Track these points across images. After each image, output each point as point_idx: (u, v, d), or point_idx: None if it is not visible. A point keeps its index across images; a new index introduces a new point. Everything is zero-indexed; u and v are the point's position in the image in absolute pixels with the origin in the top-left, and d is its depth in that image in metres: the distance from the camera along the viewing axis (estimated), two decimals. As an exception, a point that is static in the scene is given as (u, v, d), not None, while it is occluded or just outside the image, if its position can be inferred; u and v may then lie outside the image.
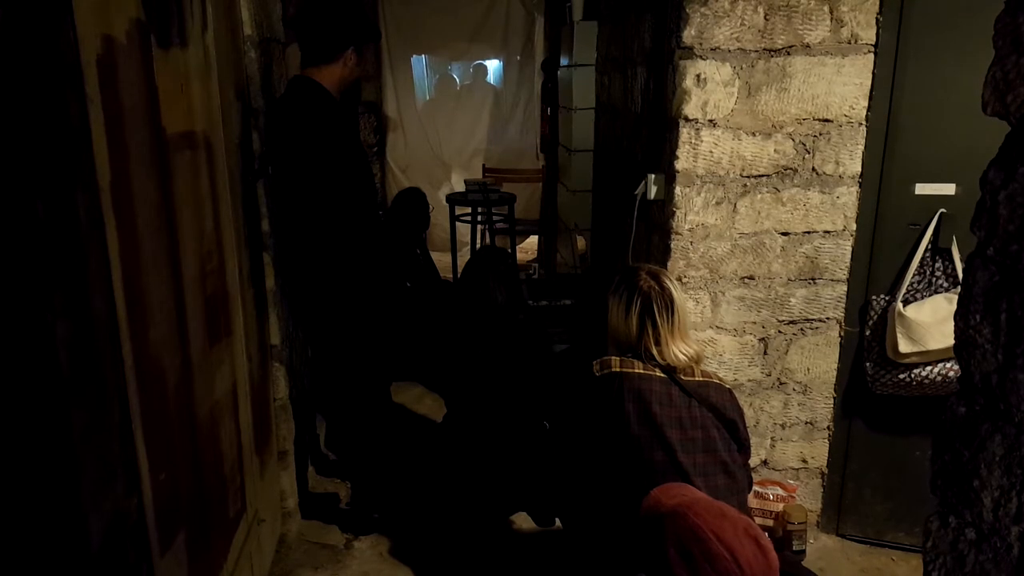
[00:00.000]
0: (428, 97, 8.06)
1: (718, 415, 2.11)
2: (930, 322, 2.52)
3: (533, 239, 7.01)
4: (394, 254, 4.26)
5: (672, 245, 2.62)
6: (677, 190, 2.57)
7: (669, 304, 2.15)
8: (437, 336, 4.29)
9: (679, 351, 2.13)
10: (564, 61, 4.72)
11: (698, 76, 2.49)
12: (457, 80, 8.34)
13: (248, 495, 2.30)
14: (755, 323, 2.72)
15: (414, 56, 7.63)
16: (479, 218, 5.74)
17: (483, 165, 6.95)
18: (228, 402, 2.19)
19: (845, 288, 2.71)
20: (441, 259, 6.38)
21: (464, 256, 6.25)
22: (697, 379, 2.13)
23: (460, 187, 7.04)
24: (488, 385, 2.91)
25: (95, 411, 1.30)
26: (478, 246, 5.92)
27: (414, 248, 4.46)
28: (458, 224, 5.86)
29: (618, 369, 2.09)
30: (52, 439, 1.19)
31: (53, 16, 1.19)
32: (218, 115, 2.17)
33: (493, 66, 8.09)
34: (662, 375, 2.10)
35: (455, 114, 7.89)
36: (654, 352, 2.12)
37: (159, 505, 1.58)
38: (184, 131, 1.87)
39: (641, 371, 2.09)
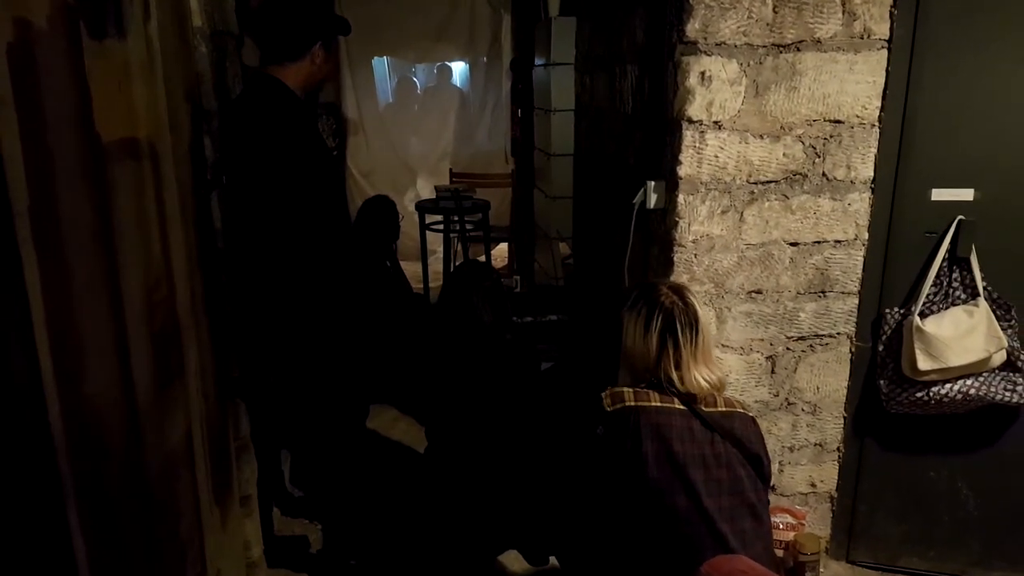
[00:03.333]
0: (391, 99, 7.77)
1: (743, 450, 1.90)
2: (950, 336, 2.33)
3: (503, 246, 6.77)
4: (362, 267, 3.99)
5: (675, 258, 2.40)
6: (680, 198, 2.35)
7: (693, 323, 1.93)
8: (412, 356, 4.04)
9: (702, 376, 1.91)
10: (540, 60, 4.49)
11: (703, 73, 2.27)
12: (419, 84, 8.06)
13: (208, 554, 2.03)
14: (763, 340, 2.52)
15: (376, 57, 7.34)
16: (451, 227, 5.48)
17: (450, 170, 6.69)
18: (182, 450, 1.91)
19: (857, 301, 2.52)
20: (409, 268, 6.12)
21: (435, 265, 5.99)
22: (720, 409, 1.91)
23: (427, 193, 6.77)
24: (474, 413, 2.66)
25: (12, 502, 1.03)
26: (451, 256, 5.65)
27: (383, 260, 4.20)
28: (428, 231, 5.59)
29: (633, 403, 1.86)
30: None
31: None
32: (165, 119, 1.89)
33: (458, 68, 7.83)
34: (681, 407, 1.87)
35: (420, 117, 7.62)
36: (673, 377, 1.89)
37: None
38: (125, 138, 1.59)
39: (659, 404, 1.86)
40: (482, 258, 5.86)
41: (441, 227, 5.53)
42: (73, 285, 1.29)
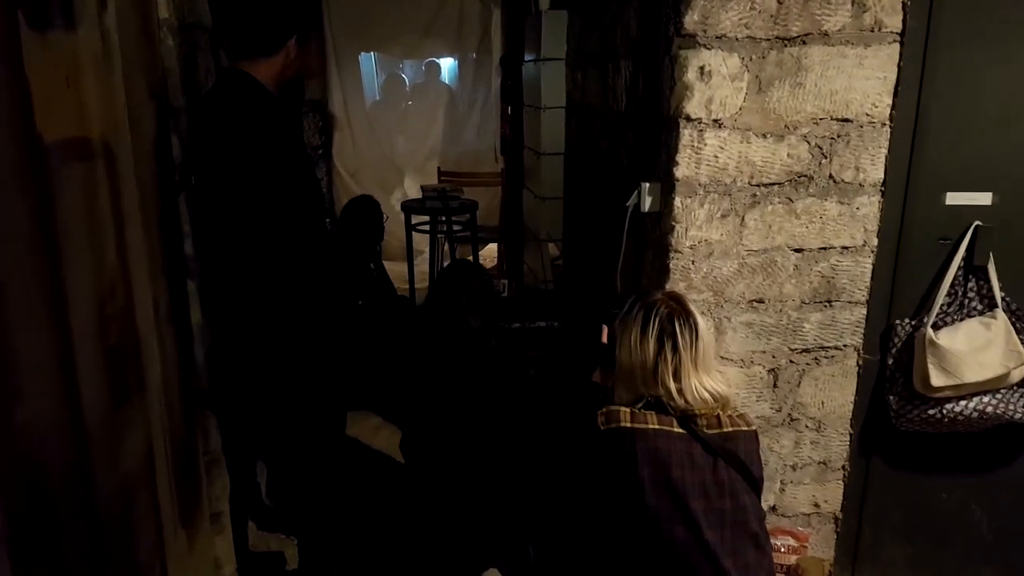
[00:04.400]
0: (378, 97, 7.60)
1: (747, 475, 1.76)
2: (965, 351, 2.21)
3: (492, 247, 6.62)
4: (345, 269, 3.85)
5: (671, 264, 2.26)
6: (677, 201, 2.21)
7: (693, 327, 1.79)
8: (396, 361, 3.90)
9: (703, 386, 1.77)
10: (530, 56, 4.34)
11: (702, 68, 2.13)
12: (407, 80, 7.90)
13: (171, 580, 1.88)
14: (764, 352, 2.38)
15: (363, 53, 7.17)
16: (439, 227, 5.33)
17: (438, 168, 6.53)
18: (142, 471, 1.77)
19: (864, 311, 2.38)
20: (396, 268, 5.97)
21: (421, 265, 5.84)
22: (724, 430, 1.77)
23: (414, 192, 6.62)
24: (453, 421, 2.52)
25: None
26: (438, 258, 5.50)
27: (367, 262, 4.06)
28: (415, 232, 5.44)
29: (628, 424, 1.72)
30: None
31: None
32: (124, 116, 1.74)
33: (447, 64, 7.67)
34: (680, 430, 1.73)
35: (407, 114, 7.46)
36: (672, 388, 1.75)
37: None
38: (72, 137, 1.45)
39: (656, 426, 1.72)
40: (470, 259, 5.72)
41: (427, 228, 5.38)
42: (5, 299, 1.15)
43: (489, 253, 6.83)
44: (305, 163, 2.42)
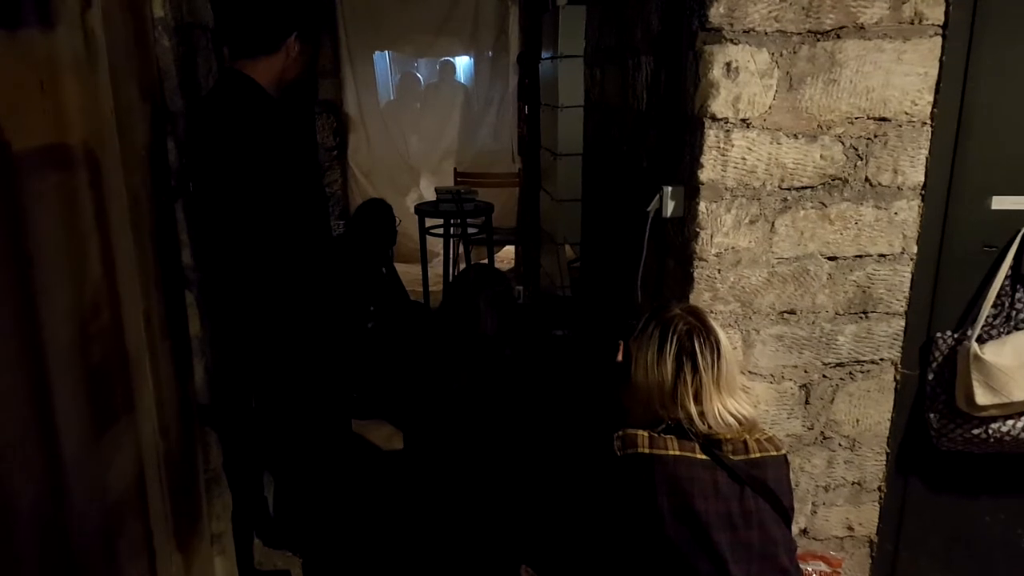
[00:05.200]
0: (392, 96, 7.49)
1: (777, 504, 1.63)
2: (1014, 366, 2.05)
3: (509, 249, 6.50)
4: (355, 273, 3.74)
5: (695, 273, 2.12)
6: (702, 206, 2.08)
7: (714, 345, 1.67)
8: (408, 368, 3.79)
9: (727, 410, 1.64)
10: (547, 53, 4.21)
11: (728, 64, 1.99)
12: (421, 79, 7.78)
13: (163, 615, 1.77)
14: (796, 367, 2.24)
15: (376, 52, 7.06)
16: (452, 230, 5.20)
17: (454, 169, 6.42)
18: (131, 497, 1.66)
19: (903, 323, 2.23)
20: (410, 271, 5.86)
21: (436, 268, 5.73)
22: (751, 456, 1.64)
23: (430, 193, 6.51)
24: (458, 432, 2.40)
25: None
26: (452, 261, 5.37)
27: (379, 267, 3.95)
28: (429, 235, 5.32)
29: (647, 450, 1.59)
30: None
31: None
32: (111, 121, 1.63)
33: (462, 63, 7.54)
34: (703, 456, 1.60)
35: (422, 114, 7.34)
36: (692, 412, 1.63)
37: None
38: (47, 145, 1.34)
39: (677, 452, 1.59)
40: (485, 261, 5.60)
41: (442, 231, 5.25)
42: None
43: (506, 255, 6.71)
44: (308, 167, 2.31)
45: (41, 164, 1.30)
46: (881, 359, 2.27)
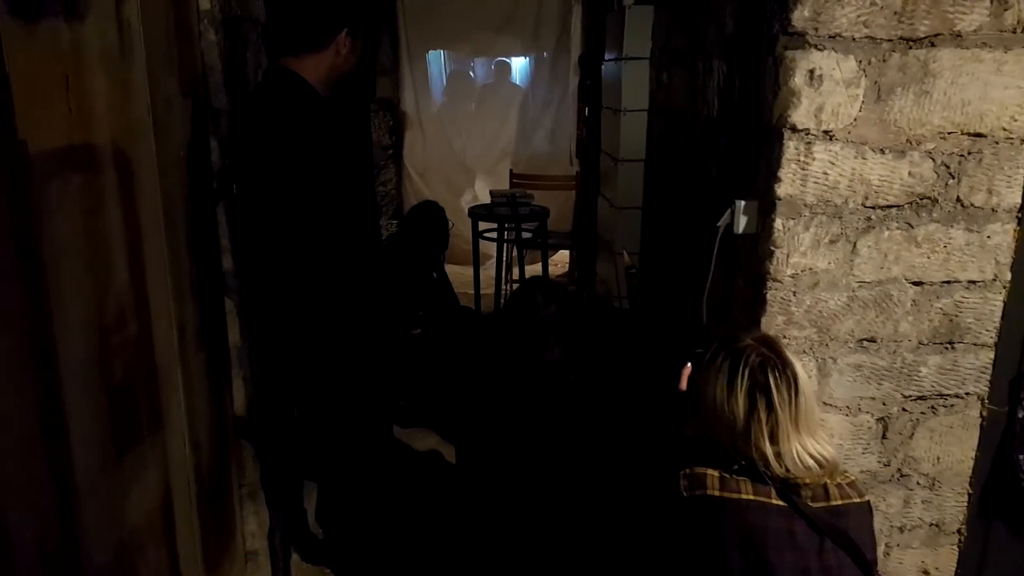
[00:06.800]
0: (448, 95, 7.39)
1: (858, 557, 1.46)
2: (1117, 408, 1.86)
3: (563, 253, 6.35)
4: (406, 278, 3.64)
5: (768, 295, 1.96)
6: (778, 223, 1.91)
7: (791, 380, 1.51)
8: (457, 377, 3.67)
9: (807, 452, 1.49)
10: (611, 54, 4.05)
11: (811, 72, 1.83)
12: (477, 78, 7.66)
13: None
14: (874, 399, 2.07)
15: (431, 51, 6.97)
16: (507, 235, 5.07)
17: (510, 171, 6.29)
18: (156, 522, 1.56)
19: (992, 355, 2.05)
20: (461, 273, 5.75)
21: (488, 270, 5.60)
22: (832, 503, 1.48)
23: (484, 195, 6.40)
24: (516, 460, 2.26)
25: None
26: (505, 265, 5.24)
27: (430, 271, 3.84)
28: (482, 239, 5.21)
29: (717, 493, 1.45)
30: None
31: None
32: (145, 119, 1.53)
33: (517, 64, 7.40)
34: (779, 502, 1.45)
35: (479, 114, 7.22)
36: (768, 453, 1.47)
37: None
38: (71, 145, 1.24)
39: (751, 496, 1.44)
40: (538, 266, 5.46)
41: (495, 235, 5.13)
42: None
43: (560, 259, 6.56)
44: (358, 168, 2.20)
45: (62, 165, 1.20)
46: (967, 393, 2.08)
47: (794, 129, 1.86)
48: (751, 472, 1.49)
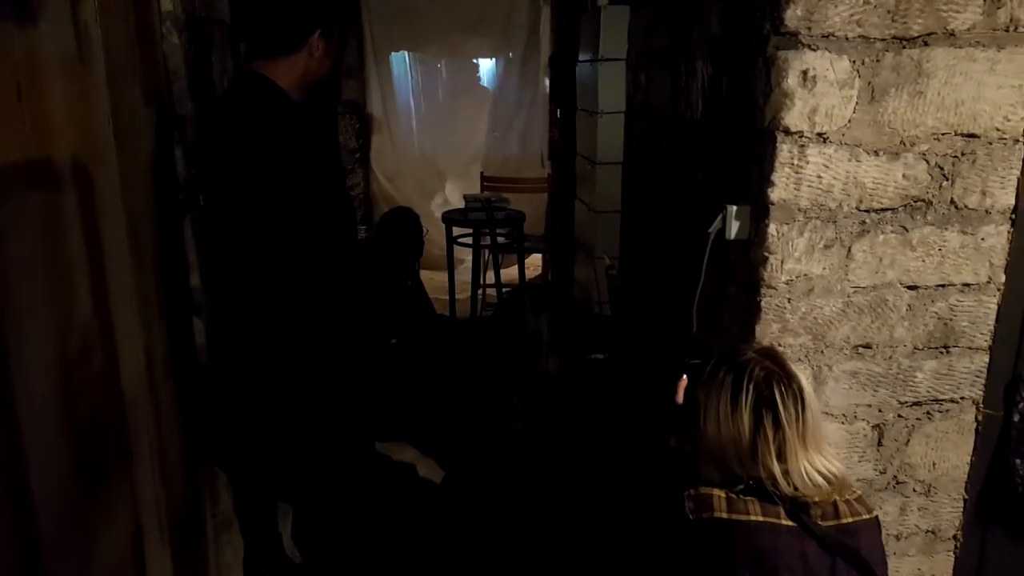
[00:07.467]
0: (416, 98, 7.27)
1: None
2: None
3: (536, 256, 6.27)
4: (379, 286, 3.54)
5: (763, 303, 1.90)
6: (772, 228, 1.85)
7: (797, 394, 1.45)
8: (434, 386, 3.58)
9: (815, 468, 1.43)
10: (585, 55, 3.98)
11: (804, 73, 1.77)
12: (445, 79, 7.55)
13: None
14: (870, 406, 2.02)
15: (398, 52, 6.85)
16: (481, 239, 4.99)
17: (481, 173, 6.21)
18: (126, 564, 1.46)
19: (987, 359, 2.02)
20: (435, 278, 5.66)
21: (463, 275, 5.51)
22: (842, 521, 1.42)
23: (455, 198, 6.31)
24: (507, 473, 2.17)
25: None
26: (480, 269, 5.15)
27: (404, 279, 3.74)
28: (456, 244, 5.12)
29: (725, 515, 1.38)
30: None
31: None
32: (107, 130, 1.43)
33: (487, 65, 7.31)
34: (789, 523, 1.39)
35: (449, 117, 7.12)
36: (776, 472, 1.41)
37: None
38: (26, 160, 1.13)
39: (760, 518, 1.38)
40: (513, 270, 5.38)
41: (470, 240, 5.04)
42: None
43: (532, 262, 6.49)
44: (331, 176, 2.10)
45: (16, 184, 1.10)
46: (962, 398, 2.05)
47: (787, 132, 1.80)
48: (758, 491, 1.43)
